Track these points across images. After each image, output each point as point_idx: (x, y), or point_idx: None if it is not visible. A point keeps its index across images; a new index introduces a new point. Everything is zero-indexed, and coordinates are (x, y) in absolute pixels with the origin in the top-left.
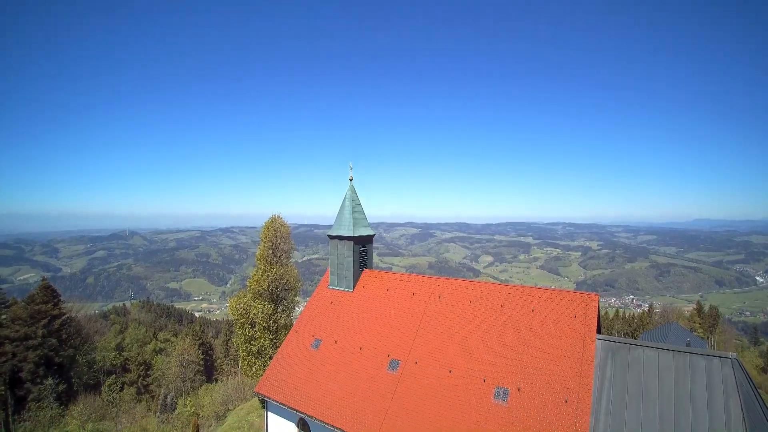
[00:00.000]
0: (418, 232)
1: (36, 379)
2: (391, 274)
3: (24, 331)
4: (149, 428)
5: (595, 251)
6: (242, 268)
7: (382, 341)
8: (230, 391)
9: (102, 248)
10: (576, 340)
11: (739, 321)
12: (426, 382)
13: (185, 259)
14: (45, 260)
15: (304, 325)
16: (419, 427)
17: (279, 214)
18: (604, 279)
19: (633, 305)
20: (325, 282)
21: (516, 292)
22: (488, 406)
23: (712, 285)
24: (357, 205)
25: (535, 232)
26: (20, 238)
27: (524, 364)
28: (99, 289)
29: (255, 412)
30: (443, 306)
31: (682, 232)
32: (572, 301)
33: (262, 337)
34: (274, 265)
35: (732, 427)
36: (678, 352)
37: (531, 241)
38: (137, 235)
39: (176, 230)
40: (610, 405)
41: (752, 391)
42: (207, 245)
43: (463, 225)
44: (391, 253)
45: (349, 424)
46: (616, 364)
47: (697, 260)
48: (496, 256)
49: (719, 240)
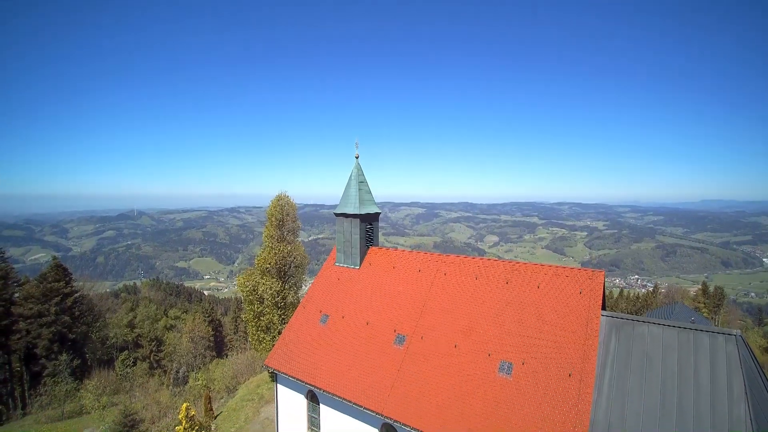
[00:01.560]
0: (423, 212)
1: (50, 355)
2: (397, 251)
3: (37, 308)
4: (162, 401)
5: (601, 231)
6: (249, 248)
7: (389, 316)
8: (240, 366)
9: (111, 228)
10: (581, 316)
11: (744, 302)
12: (432, 356)
13: (193, 239)
14: (55, 240)
15: (312, 301)
16: (425, 399)
17: (285, 192)
18: (610, 259)
19: (638, 285)
20: (332, 259)
21: (521, 268)
22: (493, 379)
23: (718, 266)
24: (363, 183)
25: (541, 212)
26: (30, 219)
27: (529, 339)
28: (109, 269)
29: (264, 385)
30: (449, 282)
31: (690, 212)
32: (578, 278)
33: (271, 313)
34: (281, 242)
35: (734, 402)
36: (682, 329)
37: (536, 221)
38: (145, 215)
39: (183, 210)
40: (613, 379)
41: (756, 368)
42: (214, 225)
43: (468, 205)
44: (396, 232)
45: (357, 396)
46: (621, 340)
47: (704, 241)
48: (501, 236)
49: (727, 221)
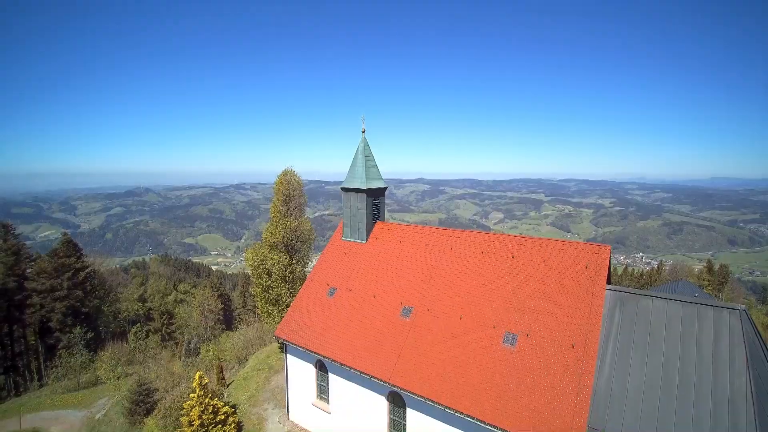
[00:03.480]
0: (428, 189)
1: (65, 329)
2: (404, 226)
3: (50, 283)
4: (175, 371)
5: (607, 209)
6: (255, 224)
7: (395, 290)
8: (250, 338)
9: (118, 205)
10: (585, 289)
11: (749, 280)
12: (437, 327)
13: (199, 215)
14: (64, 217)
15: (319, 275)
16: (431, 369)
17: (291, 167)
18: (615, 236)
19: (642, 263)
20: (339, 234)
21: (528, 243)
22: (497, 350)
23: (724, 244)
24: (370, 158)
25: (547, 188)
26: (38, 196)
27: (533, 312)
28: (118, 245)
29: (274, 356)
30: (455, 256)
31: (699, 189)
32: (584, 252)
33: (279, 287)
34: (288, 217)
35: (735, 375)
36: (686, 303)
37: (543, 198)
38: (151, 192)
39: (189, 187)
40: (616, 350)
41: (759, 343)
42: (220, 201)
43: (474, 181)
44: (402, 209)
45: (365, 365)
46: (625, 313)
47: (711, 219)
48: (507, 213)
49: (736, 199)
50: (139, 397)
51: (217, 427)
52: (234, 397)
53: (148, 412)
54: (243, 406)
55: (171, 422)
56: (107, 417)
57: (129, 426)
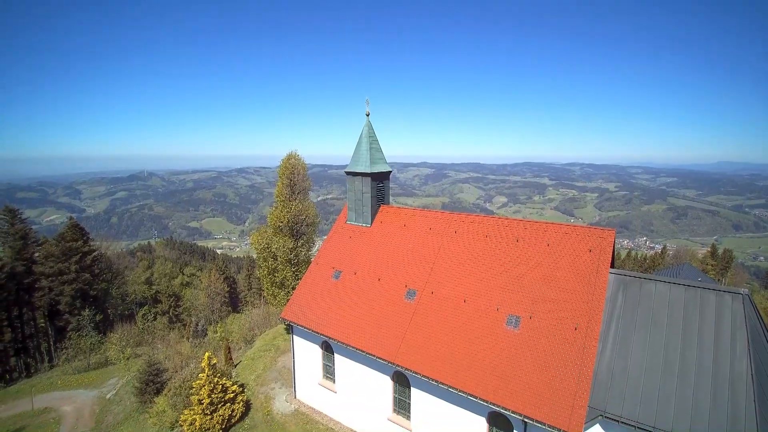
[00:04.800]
0: (431, 173)
1: (74, 311)
2: (408, 209)
3: (58, 267)
4: (184, 352)
5: (611, 193)
6: (259, 208)
7: (400, 273)
8: (256, 319)
9: (122, 189)
10: (589, 273)
11: (753, 265)
12: (441, 310)
13: (203, 199)
14: (69, 202)
15: (324, 258)
16: (434, 349)
17: (296, 151)
18: (619, 221)
19: (646, 247)
20: (344, 217)
21: (532, 227)
22: (501, 331)
23: (729, 229)
24: (374, 141)
25: (552, 172)
26: (43, 181)
27: (537, 295)
28: (123, 228)
29: (280, 337)
30: (459, 240)
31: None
32: (588, 236)
33: (284, 270)
34: (292, 201)
35: (737, 358)
36: (689, 287)
37: (547, 182)
38: (155, 176)
39: (192, 171)
40: (618, 333)
41: (760, 327)
42: (223, 185)
43: (477, 165)
44: (405, 193)
45: (370, 346)
46: (627, 296)
47: (716, 203)
48: (511, 197)
49: (741, 183)
50: (149, 377)
51: (226, 405)
52: (242, 377)
53: (158, 392)
54: (251, 385)
55: (181, 401)
56: (118, 396)
57: (140, 405)
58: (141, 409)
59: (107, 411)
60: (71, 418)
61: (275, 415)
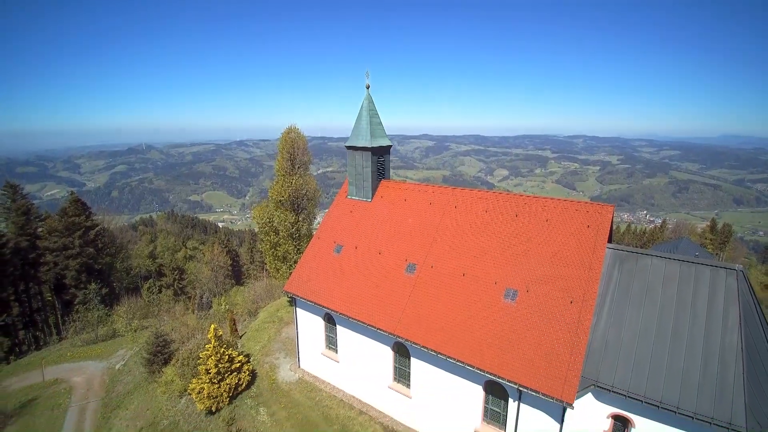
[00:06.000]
0: (433, 145)
1: (79, 285)
2: (409, 184)
3: (62, 242)
4: (190, 323)
5: (614, 166)
6: (259, 181)
7: (400, 247)
8: (259, 292)
9: (121, 163)
10: (586, 248)
11: (752, 240)
12: (441, 283)
13: (203, 173)
14: (68, 176)
15: (326, 233)
16: (434, 321)
17: (295, 125)
18: (620, 194)
19: (646, 221)
20: (344, 192)
21: (531, 202)
22: (498, 304)
23: (730, 203)
24: (374, 115)
25: (554, 145)
26: (41, 155)
27: (534, 269)
28: (124, 202)
29: (283, 309)
30: (459, 215)
31: (708, 147)
32: (587, 212)
33: (286, 244)
34: (293, 175)
35: (728, 331)
36: (685, 262)
37: (549, 154)
38: (154, 149)
39: (191, 144)
40: (612, 306)
41: (753, 302)
42: (223, 158)
43: (479, 138)
44: (405, 166)
45: (371, 318)
46: (623, 271)
47: (719, 177)
48: (512, 170)
49: (745, 157)
50: (156, 348)
51: (233, 375)
52: (247, 348)
53: (165, 362)
54: (256, 356)
55: (189, 371)
56: (127, 367)
57: (148, 375)
58: (150, 379)
59: (117, 381)
60: (82, 388)
61: (280, 383)
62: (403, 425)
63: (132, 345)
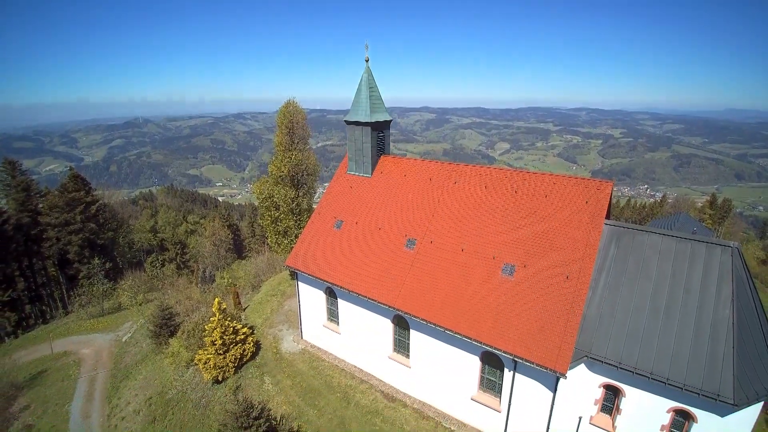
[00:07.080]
0: (433, 118)
1: (83, 260)
2: (409, 159)
3: (63, 217)
4: (194, 297)
5: (616, 139)
6: (258, 155)
7: (400, 222)
8: (261, 266)
9: (119, 137)
10: (584, 224)
11: (751, 215)
12: (440, 258)
13: (201, 146)
14: (66, 151)
15: (326, 208)
16: (432, 295)
17: (294, 98)
18: (622, 168)
19: (646, 195)
20: (344, 167)
21: (530, 178)
22: (496, 279)
23: (731, 178)
24: (374, 90)
25: (557, 118)
26: (38, 129)
27: (533, 245)
28: (123, 177)
29: (285, 283)
30: (458, 190)
31: (712, 121)
32: (586, 188)
33: (287, 219)
34: (292, 150)
35: (720, 306)
36: (681, 239)
37: (551, 127)
38: (151, 123)
39: (189, 117)
40: (608, 281)
41: (746, 279)
42: (221, 132)
43: (481, 110)
44: (406, 139)
45: (371, 291)
46: (620, 246)
47: (721, 152)
48: (513, 143)
49: (748, 132)
50: (162, 320)
51: (238, 346)
52: (251, 320)
53: (171, 334)
54: (260, 328)
55: (194, 342)
56: (134, 339)
57: (155, 346)
58: (157, 351)
59: (124, 353)
60: (91, 359)
61: (284, 354)
62: (402, 393)
63: (138, 318)
